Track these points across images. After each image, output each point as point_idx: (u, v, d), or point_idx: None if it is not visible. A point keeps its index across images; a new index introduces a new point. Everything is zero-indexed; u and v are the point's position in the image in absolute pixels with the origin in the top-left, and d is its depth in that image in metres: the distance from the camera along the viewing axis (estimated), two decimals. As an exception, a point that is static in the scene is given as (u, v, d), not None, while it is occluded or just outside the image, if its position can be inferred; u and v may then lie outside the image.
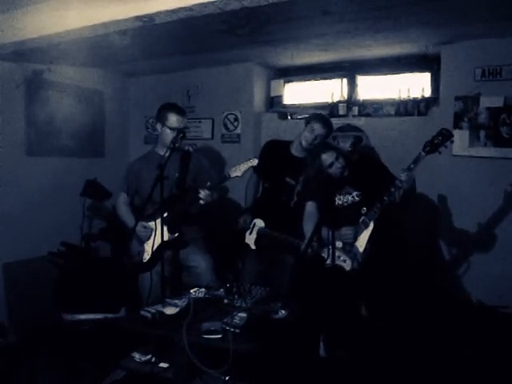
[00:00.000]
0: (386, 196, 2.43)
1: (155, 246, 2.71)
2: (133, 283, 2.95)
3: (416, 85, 3.64)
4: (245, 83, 4.11)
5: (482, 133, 3.13)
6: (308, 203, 2.85)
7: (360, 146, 2.76)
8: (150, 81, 4.55)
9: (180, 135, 2.70)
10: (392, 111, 3.67)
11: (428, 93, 3.59)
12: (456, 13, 2.63)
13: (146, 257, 2.77)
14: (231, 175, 2.56)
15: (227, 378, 2.01)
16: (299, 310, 2.36)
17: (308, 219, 2.79)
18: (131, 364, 2.26)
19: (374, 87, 3.86)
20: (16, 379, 2.87)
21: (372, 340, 2.49)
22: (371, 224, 2.52)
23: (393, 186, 2.40)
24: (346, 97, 3.94)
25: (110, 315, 3.17)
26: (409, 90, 3.61)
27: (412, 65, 3.69)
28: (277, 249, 3.00)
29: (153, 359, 2.22)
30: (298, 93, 4.24)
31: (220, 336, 2.03)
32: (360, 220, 2.55)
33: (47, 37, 2.86)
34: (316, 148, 2.79)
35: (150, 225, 2.74)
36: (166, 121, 2.80)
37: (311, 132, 2.95)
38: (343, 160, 2.63)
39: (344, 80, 3.96)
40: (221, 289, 2.53)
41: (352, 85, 3.93)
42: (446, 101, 3.29)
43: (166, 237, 2.58)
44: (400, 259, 2.69)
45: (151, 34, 2.88)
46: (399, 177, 2.39)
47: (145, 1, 2.46)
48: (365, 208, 2.55)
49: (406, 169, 2.39)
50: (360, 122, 3.70)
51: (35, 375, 2.87)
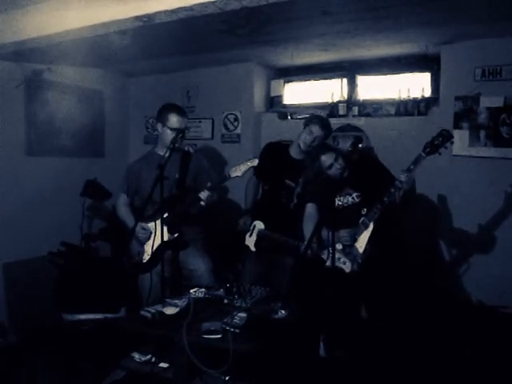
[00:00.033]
0: (386, 197, 2.43)
1: (155, 247, 2.71)
2: (133, 283, 2.95)
3: (416, 85, 3.64)
4: (245, 83, 4.11)
5: (482, 133, 3.13)
6: (308, 205, 2.84)
7: (360, 147, 2.75)
8: (150, 81, 4.55)
9: (180, 135, 2.71)
10: (392, 111, 3.67)
11: (428, 93, 3.59)
12: (456, 13, 2.63)
13: (146, 257, 2.76)
14: (231, 175, 2.56)
15: (227, 378, 2.01)
16: (299, 310, 2.36)
17: (308, 221, 2.79)
18: (131, 364, 2.26)
19: (374, 87, 3.86)
20: (16, 379, 2.87)
21: (372, 340, 2.49)
22: (371, 225, 2.52)
23: (392, 187, 2.40)
24: (346, 97, 3.93)
25: (110, 315, 3.17)
26: (409, 90, 3.61)
27: (412, 65, 3.69)
28: (277, 250, 3.00)
29: (153, 359, 2.22)
30: (298, 93, 4.23)
31: (220, 336, 2.03)
32: (360, 221, 2.55)
33: (47, 37, 2.86)
34: (315, 150, 2.78)
35: (150, 226, 2.74)
36: (167, 121, 2.80)
37: (310, 134, 2.94)
38: (342, 161, 2.62)
39: (344, 80, 3.96)
40: (221, 289, 2.52)
41: (352, 85, 3.93)
42: (446, 101, 3.29)
43: (166, 237, 2.58)
44: (400, 259, 2.69)
45: (151, 34, 2.88)
46: (399, 178, 2.38)
47: (145, 1, 2.46)
48: (365, 209, 2.55)
49: (406, 170, 2.38)
50: (360, 122, 3.70)
51: (35, 375, 2.87)
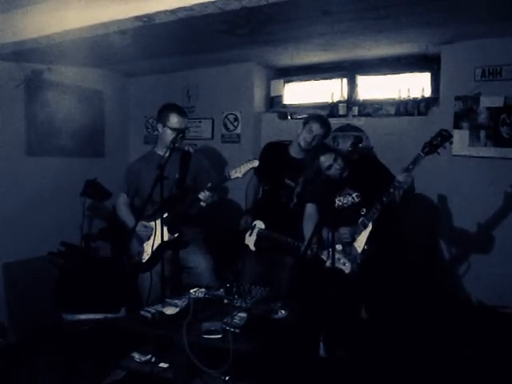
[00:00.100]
0: (385, 197, 2.43)
1: (155, 246, 2.71)
2: (133, 283, 2.95)
3: (416, 85, 3.64)
4: (245, 83, 4.10)
5: (482, 133, 3.13)
6: (308, 205, 2.84)
7: (360, 147, 2.75)
8: (150, 81, 4.55)
9: (180, 135, 2.71)
10: (392, 111, 3.67)
11: (428, 93, 3.59)
12: (456, 13, 2.63)
13: (146, 257, 2.76)
14: (232, 176, 2.55)
15: (227, 378, 2.01)
16: (299, 310, 2.36)
17: (308, 221, 2.79)
18: (131, 364, 2.26)
19: (374, 87, 3.86)
20: (16, 379, 2.87)
21: (372, 340, 2.49)
22: (370, 225, 2.52)
23: (392, 187, 2.40)
24: (346, 97, 3.93)
25: (110, 315, 3.17)
26: (409, 90, 3.61)
27: (412, 65, 3.69)
28: (277, 250, 3.00)
29: (153, 359, 2.22)
30: (298, 93, 4.23)
31: (220, 336, 2.03)
32: (359, 221, 2.55)
33: (47, 37, 2.86)
34: (314, 150, 2.78)
35: (151, 224, 2.74)
36: (167, 121, 2.80)
37: (309, 132, 2.94)
38: (342, 161, 2.62)
39: (344, 80, 3.96)
40: (221, 289, 2.52)
41: (352, 85, 3.93)
42: (446, 101, 3.29)
43: (166, 237, 2.58)
44: (400, 259, 2.69)
45: (151, 34, 2.88)
46: (398, 177, 2.39)
47: (145, 1, 2.46)
48: (364, 209, 2.55)
49: (405, 169, 2.38)
50: (360, 122, 3.70)
51: (35, 375, 2.87)
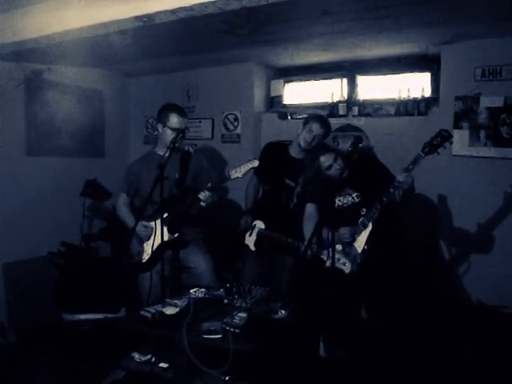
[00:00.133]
0: (385, 197, 2.43)
1: (155, 246, 2.71)
2: (133, 283, 2.95)
3: (416, 85, 3.64)
4: (245, 83, 4.10)
5: (482, 133, 3.13)
6: (308, 205, 2.84)
7: (360, 147, 2.74)
8: (150, 81, 4.55)
9: (180, 135, 2.71)
10: (392, 111, 3.67)
11: (428, 93, 3.59)
12: (456, 13, 2.63)
13: (146, 257, 2.76)
14: (232, 176, 2.55)
15: (227, 378, 2.01)
16: (299, 310, 2.36)
17: (308, 221, 2.79)
18: (131, 364, 2.26)
19: (374, 87, 3.86)
20: (16, 379, 2.87)
21: (372, 340, 2.49)
22: (370, 225, 2.52)
23: (391, 187, 2.40)
24: (346, 97, 3.93)
25: (110, 315, 3.17)
26: (409, 90, 3.61)
27: (412, 65, 3.69)
28: (276, 250, 3.00)
29: (153, 359, 2.22)
30: (298, 93, 4.23)
31: (220, 336, 2.03)
32: (359, 221, 2.55)
33: (47, 37, 2.86)
34: (314, 150, 2.78)
35: (151, 224, 2.74)
36: (167, 121, 2.80)
37: (309, 132, 2.94)
38: (342, 162, 2.62)
39: (344, 80, 3.96)
40: (221, 289, 2.52)
41: (352, 85, 3.93)
42: (446, 101, 3.29)
43: (166, 237, 2.58)
44: (400, 259, 2.69)
45: (151, 34, 2.88)
46: (397, 177, 2.39)
47: (145, 1, 2.46)
48: (364, 209, 2.55)
49: (405, 169, 2.39)
50: (360, 122, 3.70)
51: (35, 375, 2.87)
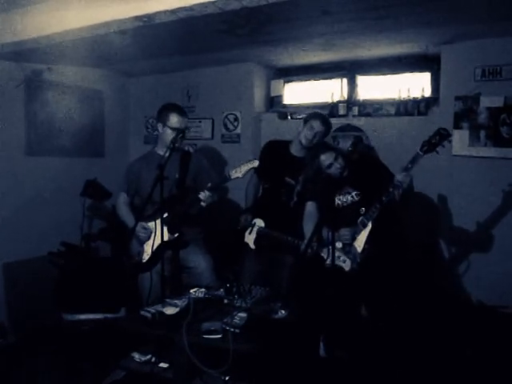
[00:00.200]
0: (385, 196, 2.43)
1: (155, 246, 2.71)
2: (133, 283, 2.95)
3: (416, 85, 3.64)
4: (245, 83, 4.10)
5: (482, 133, 3.13)
6: (308, 203, 2.84)
7: (360, 146, 2.75)
8: (150, 81, 4.55)
9: (180, 135, 2.71)
10: (392, 111, 3.67)
11: (428, 93, 3.59)
12: (456, 13, 2.63)
13: (146, 257, 2.76)
14: (232, 176, 2.55)
15: (227, 378, 2.01)
16: (299, 310, 2.36)
17: (308, 219, 2.79)
18: (131, 364, 2.26)
19: (374, 87, 3.86)
20: (16, 379, 2.87)
21: (372, 340, 2.49)
22: (369, 224, 2.52)
23: (391, 186, 2.40)
24: (346, 97, 3.93)
25: (110, 315, 3.17)
26: (409, 90, 3.61)
27: (412, 65, 3.69)
28: (276, 249, 3.00)
29: (153, 359, 2.22)
30: (298, 93, 4.23)
31: (220, 336, 2.03)
32: (358, 220, 2.55)
33: (47, 37, 2.86)
34: (315, 148, 2.78)
35: (150, 225, 2.74)
36: (168, 121, 2.80)
37: (311, 129, 2.94)
38: (342, 160, 2.62)
39: (344, 80, 3.96)
40: (221, 289, 2.52)
41: (352, 85, 3.93)
42: (446, 101, 3.29)
43: (166, 237, 2.58)
44: (399, 258, 2.69)
45: (151, 34, 2.88)
46: (396, 176, 2.39)
47: (145, 1, 2.46)
48: (363, 208, 2.55)
49: (404, 169, 2.39)
50: (360, 122, 3.70)
51: (35, 375, 2.87)
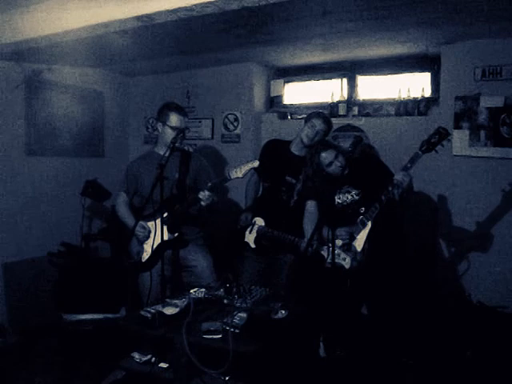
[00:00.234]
0: (384, 195, 2.44)
1: (155, 246, 2.70)
2: (133, 283, 2.95)
3: (416, 85, 3.64)
4: (245, 83, 4.10)
5: (482, 133, 3.13)
6: (308, 202, 2.84)
7: (360, 146, 2.75)
8: (150, 81, 4.56)
9: (180, 135, 2.71)
10: (392, 111, 3.67)
11: (428, 93, 3.60)
12: (456, 13, 2.63)
13: (146, 256, 2.76)
14: (232, 176, 2.54)
15: (227, 378, 2.01)
16: (299, 310, 2.36)
17: (308, 218, 2.79)
18: (131, 364, 2.25)
19: (374, 87, 3.86)
20: (16, 379, 2.87)
21: (372, 339, 2.49)
22: (369, 224, 2.52)
23: (390, 186, 2.40)
24: (346, 97, 3.93)
25: (110, 315, 3.17)
26: (409, 90, 3.61)
27: (412, 65, 3.69)
28: (277, 248, 3.00)
29: (153, 359, 2.22)
30: (298, 93, 4.24)
31: (220, 336, 2.03)
32: (358, 219, 2.55)
33: (47, 37, 2.86)
34: (315, 146, 2.78)
35: (150, 225, 2.74)
36: (168, 120, 2.79)
37: (312, 128, 2.94)
38: (343, 159, 2.62)
39: (344, 80, 3.96)
40: (221, 289, 2.52)
41: (352, 85, 3.93)
42: (446, 101, 3.29)
43: (166, 237, 2.57)
44: (399, 258, 2.69)
45: (151, 34, 2.88)
46: (396, 176, 2.39)
47: (145, 1, 2.46)
48: (363, 207, 2.55)
49: (403, 168, 2.39)
50: (360, 122, 3.70)
51: (35, 375, 2.87)
